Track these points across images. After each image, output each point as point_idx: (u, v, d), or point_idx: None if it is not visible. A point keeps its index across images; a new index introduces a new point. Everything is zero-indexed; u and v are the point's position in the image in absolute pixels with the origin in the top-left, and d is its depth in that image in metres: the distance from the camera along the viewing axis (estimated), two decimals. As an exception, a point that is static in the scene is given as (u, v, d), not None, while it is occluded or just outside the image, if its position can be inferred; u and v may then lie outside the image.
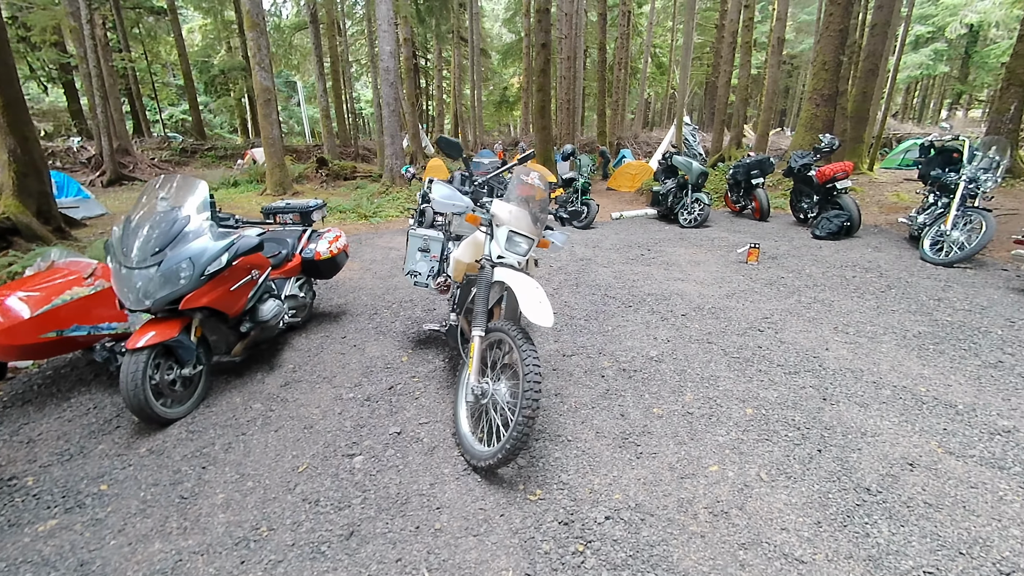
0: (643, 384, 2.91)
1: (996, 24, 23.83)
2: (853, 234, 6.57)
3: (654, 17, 23.95)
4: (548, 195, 2.65)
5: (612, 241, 7.27)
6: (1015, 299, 4.02)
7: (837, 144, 7.13)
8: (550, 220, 3.24)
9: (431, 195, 2.50)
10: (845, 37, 10.70)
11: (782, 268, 5.27)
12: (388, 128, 13.26)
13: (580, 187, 8.70)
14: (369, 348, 3.66)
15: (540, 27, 14.03)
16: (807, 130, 11.31)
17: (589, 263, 5.89)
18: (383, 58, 12.67)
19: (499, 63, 26.65)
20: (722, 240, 6.88)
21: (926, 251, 5.19)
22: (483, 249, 2.51)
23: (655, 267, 5.58)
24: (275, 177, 13.74)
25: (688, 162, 8.01)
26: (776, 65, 15.88)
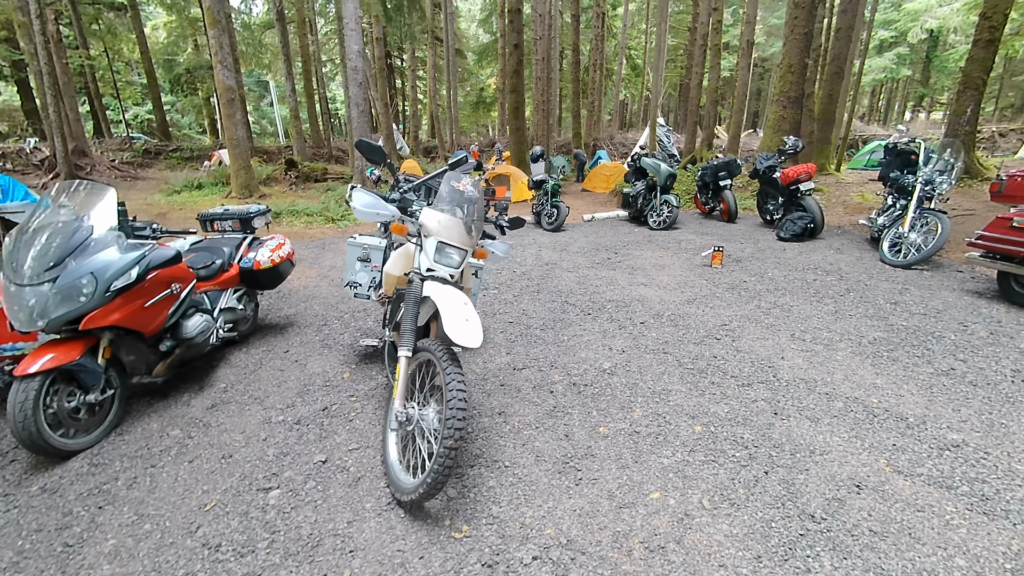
0: (592, 400, 2.77)
1: (954, 30, 24.64)
2: (817, 235, 6.58)
3: (628, 19, 24.05)
4: (484, 202, 2.48)
5: (580, 244, 7.16)
6: (969, 302, 4.01)
7: (801, 146, 7.15)
8: (491, 229, 3.07)
9: (351, 203, 2.30)
10: (810, 40, 10.83)
11: (745, 271, 5.21)
12: (358, 129, 12.93)
13: (550, 189, 8.57)
14: (311, 364, 3.43)
15: (512, 28, 13.89)
16: (775, 132, 11.41)
17: (554, 267, 5.75)
18: (350, 57, 12.35)
19: (475, 63, 26.42)
20: (689, 242, 6.83)
21: (885, 253, 5.19)
22: (413, 261, 2.32)
23: (620, 271, 5.46)
24: (241, 179, 13.29)
25: (656, 164, 7.95)
26: (746, 67, 16.04)
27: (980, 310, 3.82)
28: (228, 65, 12.60)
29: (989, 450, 2.17)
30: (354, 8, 12.00)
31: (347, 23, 12.22)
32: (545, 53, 17.68)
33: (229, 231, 4.00)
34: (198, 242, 3.89)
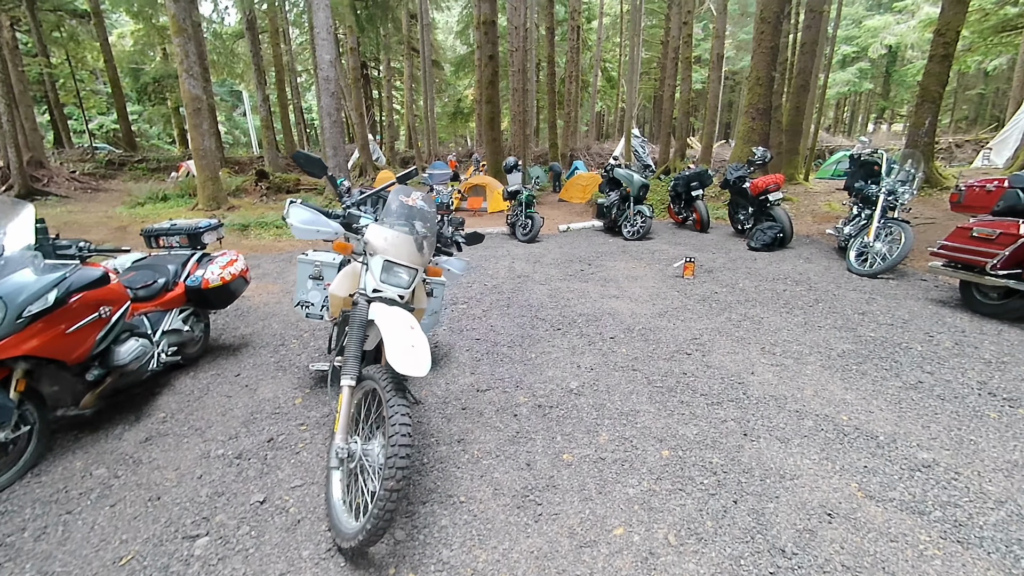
0: (557, 423, 2.62)
1: (911, 46, 25.78)
2: (787, 244, 6.63)
3: (602, 32, 24.43)
4: (436, 216, 2.33)
5: (554, 255, 7.06)
6: (933, 311, 4.03)
7: (769, 157, 7.23)
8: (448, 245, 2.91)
9: (288, 220, 2.13)
10: (776, 54, 11.09)
11: (716, 282, 5.17)
12: (330, 139, 12.68)
13: (524, 200, 8.49)
14: (262, 388, 3.21)
15: (487, 39, 13.89)
16: (745, 142, 11.61)
17: (526, 280, 5.63)
18: (322, 67, 12.14)
19: (453, 74, 26.43)
20: (662, 253, 6.80)
21: (852, 262, 5.22)
22: (359, 281, 2.15)
23: (592, 283, 5.37)
24: (208, 191, 12.89)
25: (629, 175, 7.94)
26: (717, 80, 16.40)
27: (945, 320, 3.83)
28: (195, 74, 12.26)
29: (960, 470, 2.10)
30: (325, 18, 11.82)
31: (319, 32, 12.02)
32: (521, 65, 17.76)
33: (176, 247, 3.76)
34: (142, 259, 3.64)
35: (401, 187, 2.24)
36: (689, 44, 13.49)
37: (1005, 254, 3.50)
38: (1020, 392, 2.73)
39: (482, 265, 6.49)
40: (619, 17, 25.99)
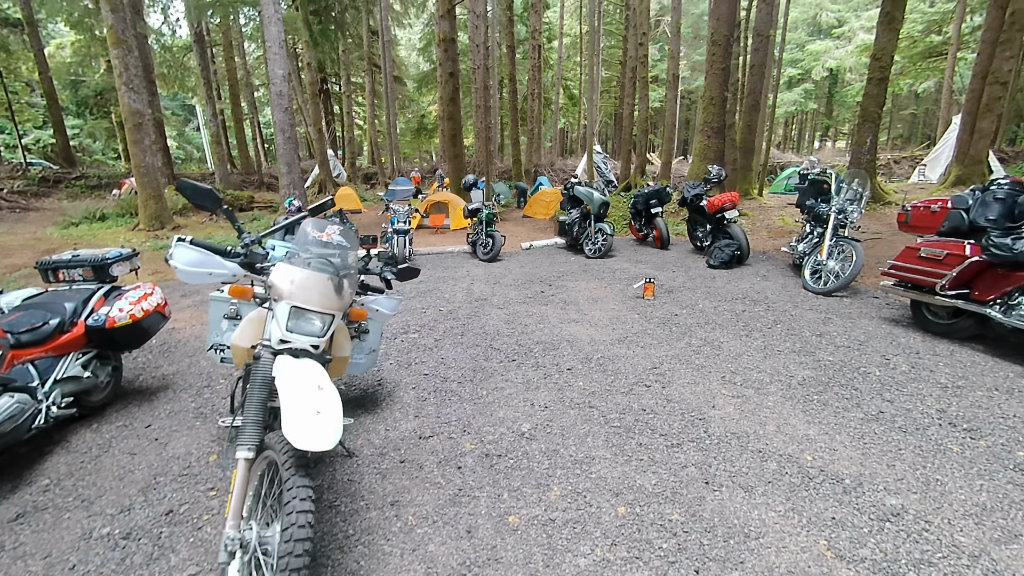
0: (505, 476, 2.36)
1: (850, 69, 27.46)
2: (744, 261, 6.65)
3: (563, 52, 24.84)
4: (358, 252, 2.05)
5: (515, 275, 6.85)
6: (887, 331, 4.02)
7: (724, 174, 7.31)
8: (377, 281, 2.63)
9: (171, 263, 1.81)
10: (727, 75, 11.42)
11: (676, 303, 5.07)
12: (284, 156, 12.16)
13: (485, 218, 8.27)
14: (174, 443, 2.81)
15: (447, 57, 13.77)
16: (701, 159, 11.84)
17: (483, 304, 5.37)
18: (275, 82, 11.68)
19: (416, 91, 26.25)
20: (623, 272, 6.69)
21: (807, 280, 5.24)
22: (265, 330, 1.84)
23: (552, 307, 5.17)
24: (150, 210, 12.12)
25: (589, 193, 7.87)
26: (674, 99, 16.83)
27: (899, 340, 3.81)
28: (135, 88, 11.58)
29: (929, 518, 1.96)
30: (278, 32, 11.41)
31: (271, 47, 11.59)
32: (483, 82, 17.75)
33: (80, 281, 3.31)
34: (35, 296, 3.18)
35: (313, 220, 1.95)
36: (645, 65, 13.79)
37: (953, 274, 3.50)
38: (978, 420, 2.66)
39: (439, 288, 6.20)
40: (579, 38, 26.57)
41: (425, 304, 5.45)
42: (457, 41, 14.01)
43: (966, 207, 3.69)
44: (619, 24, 25.32)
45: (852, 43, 25.99)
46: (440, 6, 13.44)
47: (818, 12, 27.40)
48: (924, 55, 19.58)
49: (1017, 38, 11.26)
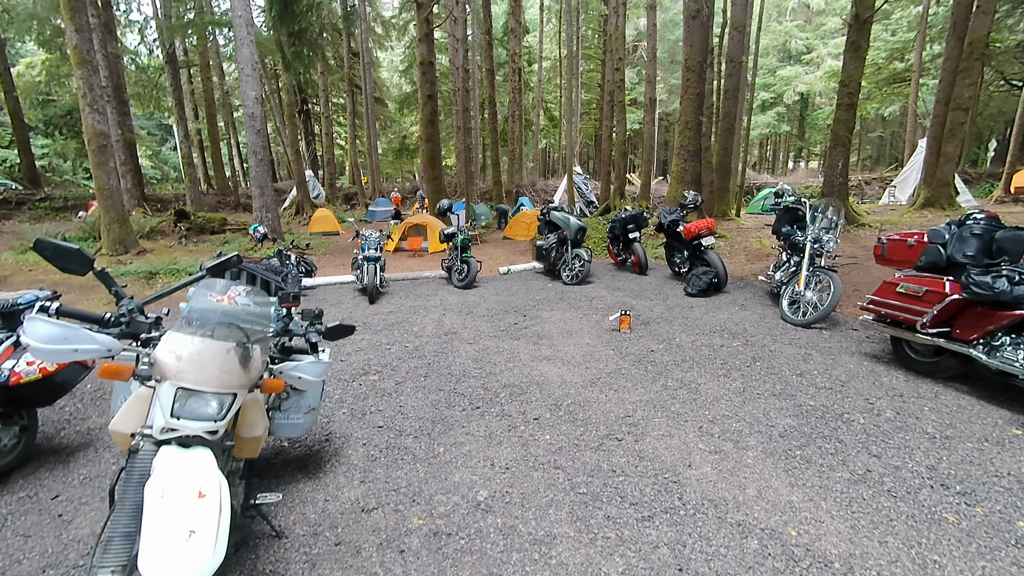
0: (453, 563, 2.05)
1: (819, 93, 28.37)
2: (722, 289, 6.51)
3: (543, 75, 25.13)
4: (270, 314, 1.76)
5: (490, 304, 6.59)
6: (869, 369, 3.84)
7: (701, 200, 7.23)
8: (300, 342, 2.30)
9: (22, 339, 1.50)
10: (702, 100, 11.52)
11: (653, 336, 4.85)
12: (256, 178, 11.85)
13: (460, 243, 8.02)
14: (80, 519, 2.44)
15: (425, 79, 13.70)
16: (679, 182, 11.86)
17: (453, 339, 5.08)
18: (247, 104, 11.42)
19: (397, 111, 26.22)
20: (600, 300, 6.48)
21: (785, 311, 5.08)
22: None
23: (524, 341, 4.90)
24: (114, 234, 11.62)
25: (566, 218, 7.70)
26: (651, 122, 17.01)
27: (881, 379, 3.63)
28: (99, 108, 11.18)
29: (931, 614, 1.72)
30: (251, 54, 11.19)
31: (243, 69, 11.35)
32: (463, 104, 17.75)
33: (-15, 330, 2.94)
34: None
35: (209, 281, 1.66)
36: (622, 89, 13.91)
37: (933, 312, 3.35)
38: (971, 480, 2.45)
39: (409, 319, 5.90)
40: (559, 61, 26.97)
41: (391, 339, 5.14)
42: (436, 64, 14.00)
43: (943, 241, 3.58)
44: (597, 48, 25.80)
45: (820, 69, 26.91)
46: (419, 30, 13.42)
47: (787, 39, 28.41)
48: (888, 81, 20.28)
49: (976, 66, 11.64)
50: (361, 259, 7.44)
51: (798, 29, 28.54)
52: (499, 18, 23.86)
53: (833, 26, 27.50)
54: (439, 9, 20.73)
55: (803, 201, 5.43)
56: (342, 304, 6.99)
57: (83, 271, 1.60)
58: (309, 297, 7.68)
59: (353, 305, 6.92)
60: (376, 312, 6.44)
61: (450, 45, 19.23)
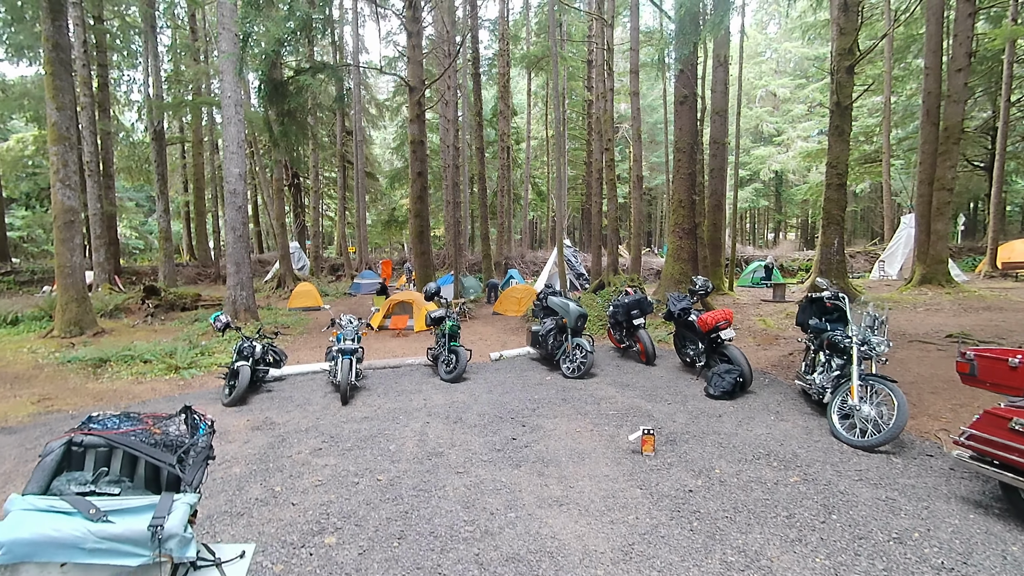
0: None
1: (792, 171, 29.61)
2: (747, 389, 5.65)
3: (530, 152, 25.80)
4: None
5: (482, 406, 5.61)
6: (982, 527, 2.92)
7: (711, 286, 6.60)
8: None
9: None
10: (694, 179, 11.40)
11: (685, 465, 3.89)
12: (233, 255, 11.09)
13: (448, 331, 7.16)
14: None
15: (415, 157, 13.56)
16: (675, 260, 11.41)
17: (439, 464, 4.06)
18: (229, 181, 10.92)
19: (388, 185, 26.42)
20: (610, 403, 5.55)
21: (838, 428, 4.21)
22: None
23: (527, 470, 3.90)
24: (69, 314, 10.55)
25: (565, 304, 6.96)
26: (639, 198, 17.05)
27: (1009, 549, 2.71)
28: (71, 184, 10.56)
29: None
30: (237, 132, 10.87)
31: (228, 146, 10.98)
32: (453, 180, 17.72)
33: None
34: None
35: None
36: (612, 167, 13.93)
37: (1070, 460, 2.52)
38: None
39: (385, 432, 4.87)
40: (545, 140, 27.94)
41: (362, 465, 4.10)
42: (427, 143, 13.96)
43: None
44: (582, 129, 26.84)
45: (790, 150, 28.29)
46: (411, 111, 13.46)
47: (759, 123, 30.13)
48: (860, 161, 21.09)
49: (954, 150, 11.83)
50: (336, 351, 6.50)
51: (767, 114, 30.37)
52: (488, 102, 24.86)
53: (799, 112, 29.36)
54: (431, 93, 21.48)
55: (843, 298, 4.75)
56: (310, 405, 5.94)
57: None
58: (274, 391, 6.61)
59: (323, 406, 5.88)
60: (348, 417, 5.41)
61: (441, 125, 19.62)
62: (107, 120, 17.17)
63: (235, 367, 6.30)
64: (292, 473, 4.03)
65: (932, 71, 12.09)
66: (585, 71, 22.69)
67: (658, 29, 19.20)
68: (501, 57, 20.31)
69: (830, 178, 11.25)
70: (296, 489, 3.74)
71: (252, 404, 6.13)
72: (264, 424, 5.34)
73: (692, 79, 10.86)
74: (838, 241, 11.31)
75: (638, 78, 15.18)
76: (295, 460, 4.31)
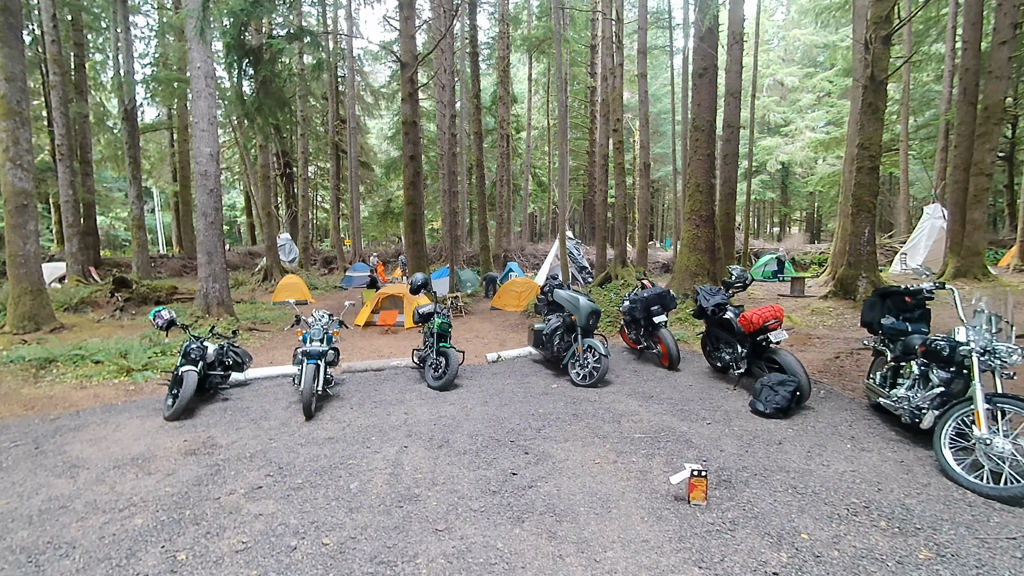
0: None
1: (799, 164, 28.35)
2: (803, 403, 4.51)
3: (531, 142, 24.54)
4: None
5: (475, 422, 4.47)
6: None
7: (749, 278, 5.44)
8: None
9: None
10: (713, 161, 10.20)
11: (755, 526, 2.74)
12: (205, 243, 9.88)
13: (436, 329, 6.00)
14: None
15: (408, 139, 12.33)
16: (691, 250, 10.23)
17: (411, 517, 2.91)
18: (199, 160, 9.70)
19: (383, 176, 25.16)
20: (632, 420, 4.40)
21: (955, 468, 3.05)
22: None
23: (532, 528, 2.75)
24: (23, 308, 9.37)
25: (575, 298, 5.79)
26: (645, 186, 15.85)
27: None
28: (23, 164, 9.35)
29: None
30: (207, 108, 9.63)
31: (198, 123, 9.74)
32: (449, 168, 16.51)
33: None
34: None
35: None
36: (621, 151, 12.72)
37: None
38: None
39: (350, 460, 3.72)
40: (547, 130, 26.64)
41: (307, 518, 2.94)
42: (420, 125, 12.75)
43: None
44: (584, 118, 25.56)
45: (797, 141, 27.03)
46: (403, 89, 12.22)
47: (765, 113, 28.84)
48: (874, 150, 19.86)
49: (995, 131, 10.63)
50: (300, 354, 5.34)
51: (774, 104, 29.08)
52: (487, 89, 23.57)
53: (807, 102, 28.06)
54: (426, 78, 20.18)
55: (950, 289, 3.56)
56: (267, 419, 4.80)
57: None
58: (232, 401, 5.46)
59: (281, 421, 4.74)
60: (308, 438, 4.26)
61: (438, 112, 18.37)
62: (83, 103, 15.88)
63: (180, 373, 5.15)
64: (211, 529, 2.88)
65: (971, 45, 10.86)
66: (588, 57, 21.40)
67: (665, 11, 17.90)
68: (501, 40, 19.02)
69: (862, 161, 10.04)
70: (208, 558, 2.59)
71: (199, 418, 4.98)
72: (203, 447, 4.19)
73: (713, 49, 9.63)
74: (869, 230, 10.11)
75: (646, 59, 13.93)
76: (223, 506, 3.16)
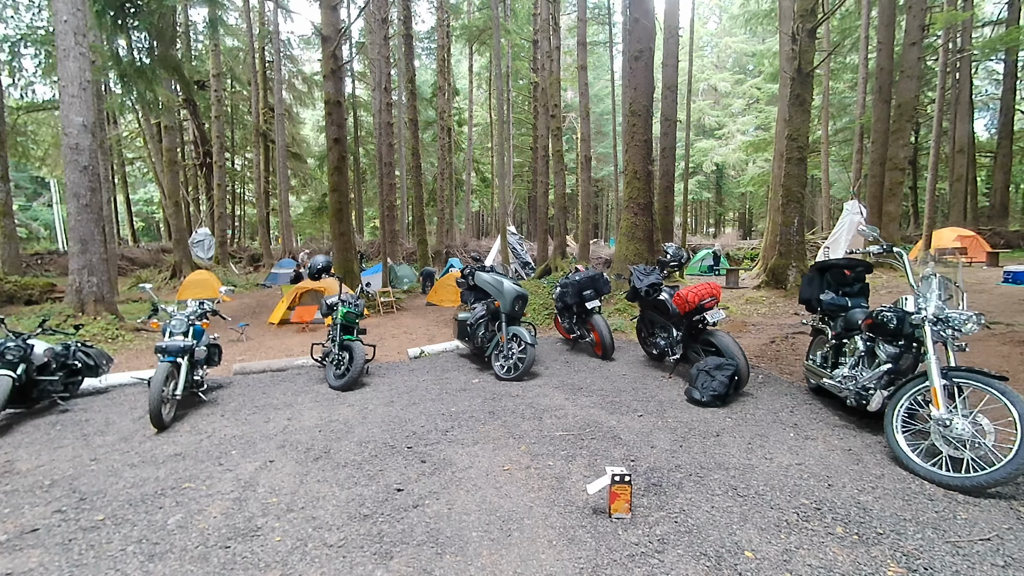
0: None
1: (732, 166, 29.54)
2: (741, 389, 4.04)
3: (473, 136, 23.79)
4: None
5: (371, 426, 3.62)
6: None
7: (684, 256, 4.98)
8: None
9: None
10: (650, 148, 9.89)
11: (688, 543, 2.12)
12: (77, 229, 8.29)
13: (340, 319, 5.08)
14: None
15: (331, 120, 11.15)
16: (629, 239, 9.86)
17: (237, 558, 2.04)
18: (69, 132, 8.13)
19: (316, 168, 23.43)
20: (557, 417, 3.74)
21: (910, 455, 2.60)
22: None
23: (397, 568, 1.97)
24: None
25: (498, 282, 5.07)
26: (587, 180, 15.54)
27: None
28: None
29: None
30: (78, 69, 8.08)
31: (66, 88, 8.15)
32: (386, 158, 15.41)
33: None
34: None
35: None
36: (559, 137, 12.25)
37: None
38: None
39: (194, 481, 2.78)
40: (489, 126, 25.99)
41: (137, 547, 1.99)
42: (345, 105, 11.61)
43: None
44: (528, 114, 25.16)
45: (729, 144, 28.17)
46: (324, 65, 11.04)
47: (701, 116, 29.86)
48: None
49: (907, 128, 11.11)
50: (156, 350, 4.25)
51: (709, 108, 30.20)
52: (427, 80, 22.56)
53: (738, 107, 29.32)
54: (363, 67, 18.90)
55: (897, 252, 3.15)
56: (105, 433, 3.71)
57: None
58: (71, 412, 4.25)
59: (123, 435, 3.66)
60: (147, 456, 3.25)
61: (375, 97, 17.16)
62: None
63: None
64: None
65: (885, 45, 11.32)
66: (531, 52, 20.95)
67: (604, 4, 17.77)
68: (440, 28, 18.13)
69: (791, 152, 10.13)
70: None
71: (11, 436, 3.80)
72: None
73: (651, 31, 9.32)
74: (798, 221, 10.21)
75: (586, 50, 13.59)
76: (-47, 567, 2.13)
